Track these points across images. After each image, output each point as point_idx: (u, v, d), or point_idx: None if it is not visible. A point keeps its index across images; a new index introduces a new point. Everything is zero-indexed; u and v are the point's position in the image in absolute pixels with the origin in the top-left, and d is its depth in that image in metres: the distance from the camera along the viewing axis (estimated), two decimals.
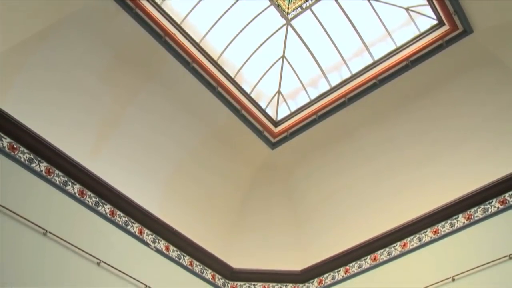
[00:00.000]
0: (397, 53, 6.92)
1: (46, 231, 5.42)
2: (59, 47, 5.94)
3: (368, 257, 7.29)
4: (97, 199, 6.23)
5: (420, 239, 6.87)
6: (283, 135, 7.44)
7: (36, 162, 5.66)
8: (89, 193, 6.15)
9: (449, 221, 6.70)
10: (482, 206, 6.49)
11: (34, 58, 5.77)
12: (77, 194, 6.00)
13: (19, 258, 5.04)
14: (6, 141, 5.42)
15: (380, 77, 6.95)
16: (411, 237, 6.97)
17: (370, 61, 7.18)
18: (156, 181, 7.02)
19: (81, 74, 6.20)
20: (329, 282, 7.57)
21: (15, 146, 5.47)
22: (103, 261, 5.90)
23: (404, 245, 7.00)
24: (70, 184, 5.96)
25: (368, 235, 7.32)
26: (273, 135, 7.47)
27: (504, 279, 5.89)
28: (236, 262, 7.79)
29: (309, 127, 7.25)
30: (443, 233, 6.70)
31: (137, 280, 6.23)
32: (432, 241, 6.75)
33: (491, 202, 6.42)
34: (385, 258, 7.12)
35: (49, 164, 5.77)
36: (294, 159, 7.58)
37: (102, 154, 6.42)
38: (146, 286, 6.30)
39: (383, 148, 7.16)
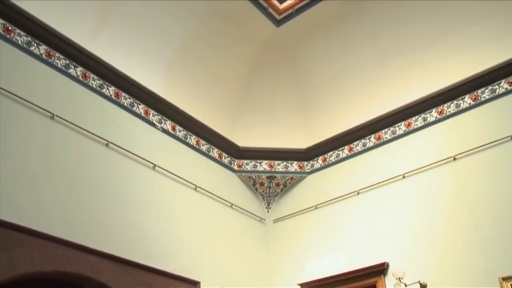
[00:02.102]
0: None
1: (53, 114, 5.46)
2: None
3: (372, 136, 7.39)
4: (101, 81, 6.19)
5: (424, 119, 6.89)
6: (289, 12, 7.11)
7: (35, 45, 5.52)
8: (92, 75, 6.09)
9: (455, 102, 6.66)
10: (490, 87, 6.39)
11: None
12: (80, 77, 5.95)
13: (27, 143, 5.13)
14: (0, 22, 5.24)
15: None
16: (416, 116, 6.98)
17: None
18: (160, 62, 6.89)
19: None
20: (333, 160, 7.77)
21: (10, 29, 5.30)
22: (111, 142, 6.02)
23: (408, 125, 7.04)
24: (72, 67, 5.88)
25: (372, 115, 7.35)
26: (278, 11, 7.14)
27: (504, 159, 5.99)
28: (242, 140, 7.94)
29: (316, 3, 6.89)
30: (448, 113, 6.69)
31: (145, 160, 6.41)
32: (437, 121, 6.78)
33: (500, 83, 6.31)
34: (389, 137, 7.22)
35: (48, 47, 5.64)
36: (299, 37, 7.33)
37: (103, 35, 6.23)
38: (155, 165, 6.50)
39: (390, 27, 6.86)
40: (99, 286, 5.40)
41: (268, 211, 8.22)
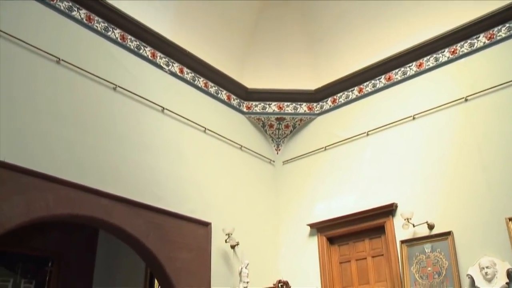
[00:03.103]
0: None
1: (59, 59, 5.41)
2: None
3: (383, 76, 7.28)
4: (106, 24, 6.07)
5: (436, 59, 6.75)
6: None
7: None
8: (96, 18, 5.97)
9: (468, 41, 6.48)
10: (507, 25, 6.18)
11: None
12: (84, 20, 5.83)
13: (34, 89, 5.11)
14: None
15: None
16: (427, 57, 6.83)
17: None
18: (166, 4, 6.72)
19: None
20: (342, 101, 7.70)
21: None
22: (119, 86, 5.99)
23: (419, 65, 6.91)
24: (76, 9, 5.76)
25: (383, 55, 7.20)
26: None
27: None
28: (251, 82, 7.86)
29: None
30: (461, 53, 6.54)
31: (154, 103, 6.39)
32: (449, 62, 6.63)
33: None
34: (399, 78, 7.10)
35: None
36: None
37: None
38: (163, 108, 6.49)
39: None
40: (112, 228, 5.55)
41: (277, 153, 8.26)
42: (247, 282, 6.42)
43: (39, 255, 7.39)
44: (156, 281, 7.48)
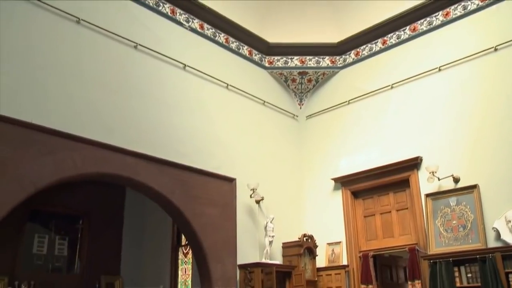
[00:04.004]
0: None
1: (79, 19, 5.39)
2: None
3: (407, 27, 7.07)
4: None
5: (465, 7, 6.50)
6: None
7: None
8: None
9: None
10: None
11: None
12: None
13: (56, 50, 5.13)
14: None
15: None
16: (455, 5, 6.59)
17: None
18: None
19: None
20: (366, 54, 7.55)
21: None
22: (139, 44, 5.97)
23: (446, 14, 6.68)
24: None
25: (407, 5, 6.96)
26: None
27: None
28: (272, 36, 7.73)
29: None
30: (489, 0, 6.28)
31: (175, 60, 6.37)
32: (478, 9, 6.40)
33: None
34: (425, 28, 6.90)
35: None
36: None
37: None
38: (185, 65, 6.47)
39: None
40: (138, 185, 5.67)
41: (300, 108, 8.21)
42: (273, 236, 6.53)
43: (70, 213, 7.64)
44: (183, 236, 7.68)
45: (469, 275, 5.55)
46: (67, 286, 7.19)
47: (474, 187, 5.81)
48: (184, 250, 8.09)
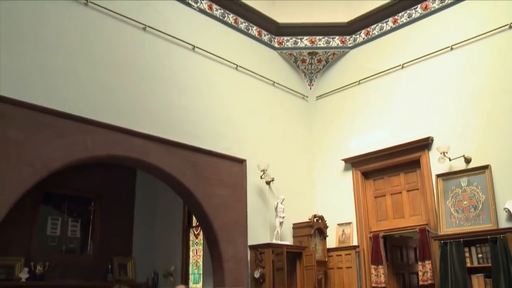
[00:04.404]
0: None
1: (87, 1, 5.37)
2: None
3: (419, 6, 6.97)
4: None
5: None
6: None
7: None
8: None
9: None
10: None
11: None
12: None
13: (65, 33, 5.13)
14: None
15: None
16: None
17: None
18: None
19: None
20: (376, 33, 7.46)
21: None
22: (148, 26, 5.94)
23: None
24: None
25: None
26: None
27: None
28: (281, 17, 7.65)
29: None
30: None
31: (184, 41, 6.34)
32: None
33: None
34: (437, 7, 6.79)
35: None
36: None
37: None
38: (194, 46, 6.44)
39: None
40: (149, 167, 5.70)
41: (310, 88, 8.17)
42: (283, 217, 6.56)
43: (82, 196, 7.73)
44: (194, 217, 7.74)
45: (480, 255, 5.56)
46: (80, 267, 7.31)
47: (486, 167, 5.78)
48: (195, 231, 8.16)
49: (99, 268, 7.50)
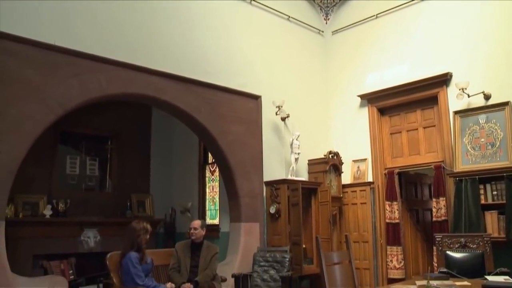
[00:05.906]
0: None
1: None
2: None
3: None
4: None
5: None
6: None
7: None
8: None
9: None
10: None
11: None
12: None
13: None
14: None
15: None
16: None
17: None
18: None
19: None
20: None
21: None
22: None
23: None
24: None
25: None
26: None
27: None
28: None
29: None
30: None
31: None
32: None
33: None
34: None
35: None
36: None
37: None
38: None
39: None
40: (164, 105, 5.69)
41: (326, 23, 7.95)
42: (298, 153, 6.59)
43: (99, 135, 7.78)
44: (209, 154, 7.79)
45: (495, 192, 5.57)
46: (100, 204, 7.48)
47: (506, 104, 5.66)
48: (211, 168, 8.24)
49: (118, 205, 7.67)
